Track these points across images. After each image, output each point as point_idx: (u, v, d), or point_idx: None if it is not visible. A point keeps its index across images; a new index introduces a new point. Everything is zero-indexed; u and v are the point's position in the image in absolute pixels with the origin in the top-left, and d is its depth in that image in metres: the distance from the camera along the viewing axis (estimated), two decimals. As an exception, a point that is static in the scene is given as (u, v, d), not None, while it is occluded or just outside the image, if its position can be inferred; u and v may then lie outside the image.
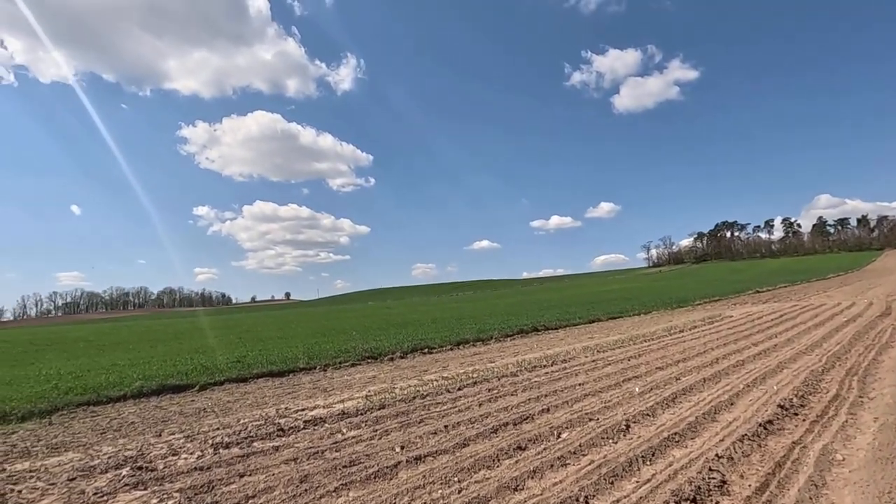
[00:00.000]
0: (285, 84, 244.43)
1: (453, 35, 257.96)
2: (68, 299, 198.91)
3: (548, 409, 6.69)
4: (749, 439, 5.11)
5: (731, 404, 6.55)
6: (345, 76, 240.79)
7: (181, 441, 6.30)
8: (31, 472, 5.43)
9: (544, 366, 10.28)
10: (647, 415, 6.23)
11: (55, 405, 8.69)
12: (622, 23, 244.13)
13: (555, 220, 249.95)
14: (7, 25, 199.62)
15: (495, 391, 8.08)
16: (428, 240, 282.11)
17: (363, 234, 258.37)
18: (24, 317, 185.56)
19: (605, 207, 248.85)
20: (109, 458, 5.74)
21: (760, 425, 5.48)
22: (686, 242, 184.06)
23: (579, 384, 8.25)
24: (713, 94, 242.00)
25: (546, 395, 7.55)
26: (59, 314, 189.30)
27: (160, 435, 6.70)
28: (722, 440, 5.16)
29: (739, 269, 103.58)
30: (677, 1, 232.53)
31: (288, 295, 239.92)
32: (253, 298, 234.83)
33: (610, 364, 10.05)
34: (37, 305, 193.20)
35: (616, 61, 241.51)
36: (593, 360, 10.58)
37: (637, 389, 7.60)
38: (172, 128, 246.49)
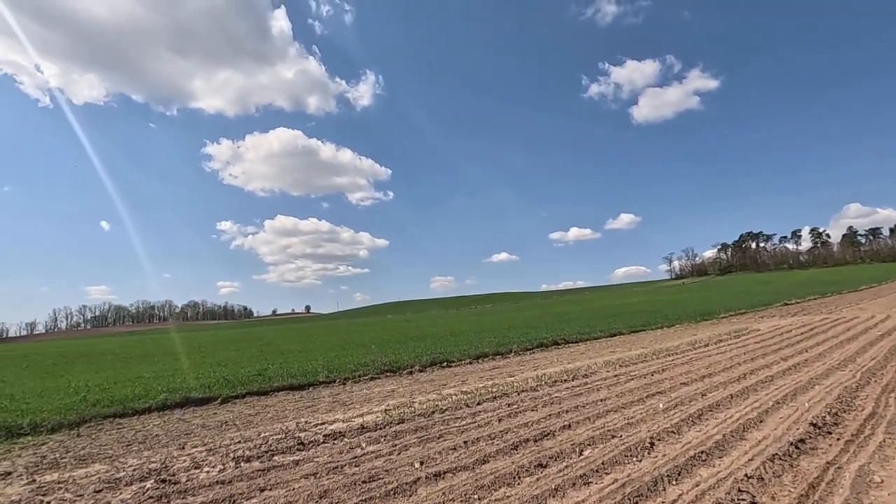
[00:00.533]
0: (306, 101, 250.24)
1: (470, 50, 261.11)
2: (97, 312, 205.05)
3: (569, 426, 6.58)
4: (780, 459, 4.92)
5: (761, 422, 6.34)
6: (364, 93, 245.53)
7: (203, 454, 6.38)
8: (59, 483, 5.55)
9: (565, 380, 10.13)
10: (673, 432, 6.06)
11: (83, 417, 8.90)
12: (639, 34, 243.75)
13: (574, 232, 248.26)
14: (43, 50, 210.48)
15: (515, 406, 7.98)
16: (446, 253, 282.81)
17: (382, 247, 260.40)
18: (56, 329, 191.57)
19: (626, 219, 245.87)
20: (134, 470, 5.84)
21: (792, 444, 5.28)
22: (709, 254, 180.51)
23: (601, 400, 8.10)
24: (735, 102, 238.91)
25: (567, 411, 7.42)
26: (88, 327, 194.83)
27: (183, 448, 6.79)
28: (751, 459, 4.98)
29: (766, 280, 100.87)
30: (696, 11, 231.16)
31: (308, 308, 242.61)
32: (274, 311, 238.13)
33: (633, 379, 9.84)
34: (67, 319, 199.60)
35: (634, 72, 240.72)
36: (615, 375, 10.38)
37: (661, 406, 7.42)
38: (198, 145, 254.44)
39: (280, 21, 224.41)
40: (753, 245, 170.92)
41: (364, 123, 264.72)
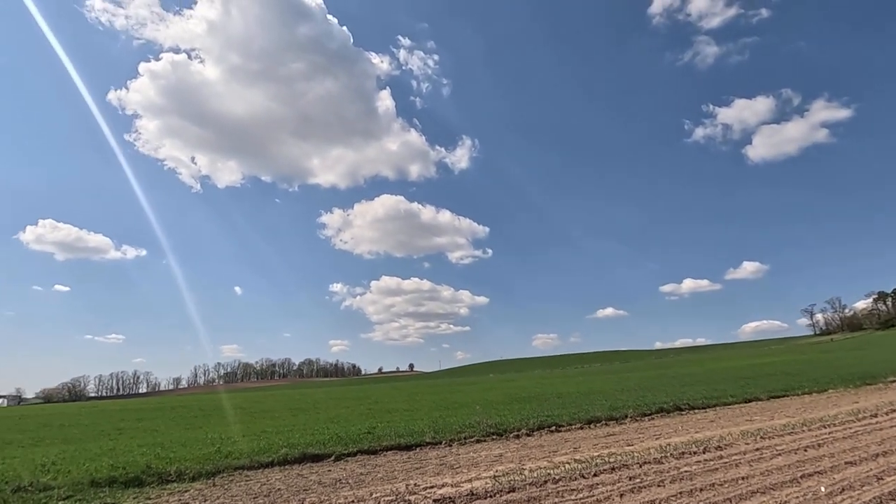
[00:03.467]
0: (408, 169, 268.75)
1: (564, 107, 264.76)
2: (228, 369, 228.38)
3: (705, 507, 5.76)
4: None
5: (969, 519, 5.02)
6: (461, 157, 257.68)
7: (320, 512, 6.56)
8: (199, 530, 6.02)
9: (694, 452, 8.99)
10: (843, 524, 5.03)
11: (218, 467, 9.71)
12: (746, 71, 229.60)
13: (688, 284, 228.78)
14: (197, 145, 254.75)
15: (638, 480, 7.20)
16: (549, 309, 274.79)
17: (482, 304, 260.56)
18: (195, 384, 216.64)
19: (749, 268, 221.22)
20: (260, 523, 6.16)
21: None
22: (862, 305, 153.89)
23: (742, 477, 7.02)
24: (874, 130, 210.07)
25: (701, 489, 6.53)
26: (221, 382, 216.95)
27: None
28: (964, 569, 3.92)
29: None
30: (813, 40, 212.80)
31: (412, 366, 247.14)
32: (380, 369, 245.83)
33: (780, 455, 8.45)
34: (205, 374, 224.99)
35: (744, 111, 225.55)
36: (757, 449, 9.00)
37: (823, 489, 6.23)
38: (314, 216, 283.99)
39: (385, 101, 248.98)
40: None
41: (462, 185, 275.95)
